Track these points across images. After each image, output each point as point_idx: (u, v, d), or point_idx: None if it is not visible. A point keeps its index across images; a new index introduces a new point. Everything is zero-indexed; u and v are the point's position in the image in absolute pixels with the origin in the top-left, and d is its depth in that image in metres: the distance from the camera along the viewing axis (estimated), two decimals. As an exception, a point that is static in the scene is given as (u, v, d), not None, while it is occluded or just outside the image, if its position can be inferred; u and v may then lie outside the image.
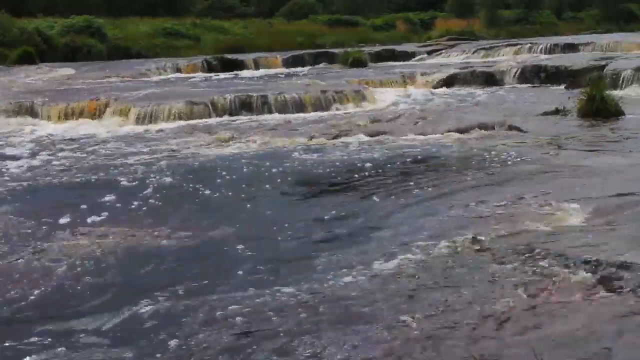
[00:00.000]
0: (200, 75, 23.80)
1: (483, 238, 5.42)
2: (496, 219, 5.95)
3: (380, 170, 8.30)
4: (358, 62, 24.53)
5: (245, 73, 24.22)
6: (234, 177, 8.29)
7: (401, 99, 15.63)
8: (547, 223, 5.78)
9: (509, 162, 8.43)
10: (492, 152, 9.07)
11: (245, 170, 8.64)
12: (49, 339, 4.05)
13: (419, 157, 9.10)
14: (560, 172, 7.77)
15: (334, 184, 7.87)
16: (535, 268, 4.74)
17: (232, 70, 24.78)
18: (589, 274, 4.54)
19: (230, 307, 4.36)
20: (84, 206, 6.98)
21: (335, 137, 10.84)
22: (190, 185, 7.84)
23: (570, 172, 7.75)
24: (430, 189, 7.36)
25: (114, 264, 5.33)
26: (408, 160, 8.93)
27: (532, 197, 6.57)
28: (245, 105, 14.03)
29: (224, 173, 8.47)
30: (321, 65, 26.40)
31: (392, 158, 9.06)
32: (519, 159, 8.55)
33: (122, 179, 8.25)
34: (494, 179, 7.63)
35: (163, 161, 9.39)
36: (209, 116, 13.51)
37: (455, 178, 7.78)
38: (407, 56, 28.25)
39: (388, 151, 9.60)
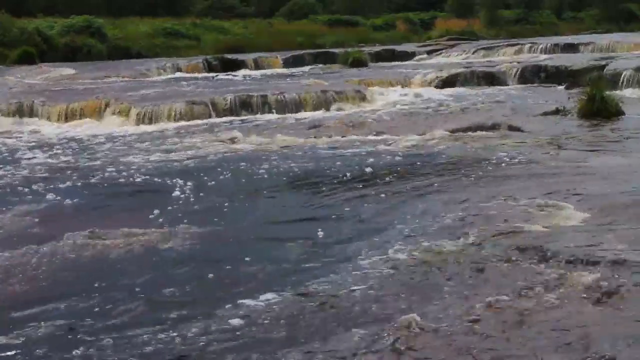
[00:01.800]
0: (200, 75, 23.80)
1: (483, 238, 5.42)
2: (496, 218, 5.95)
3: (379, 170, 8.30)
4: (358, 62, 24.53)
5: (245, 73, 24.20)
6: (234, 176, 8.29)
7: (401, 99, 15.61)
8: (547, 223, 5.78)
9: (509, 162, 8.43)
10: (492, 152, 9.07)
11: (245, 170, 8.64)
12: (46, 338, 4.05)
13: (419, 157, 9.10)
14: (560, 172, 7.77)
15: (334, 183, 7.87)
16: (535, 268, 4.74)
17: (232, 70, 24.77)
18: (589, 274, 4.54)
19: (228, 308, 4.37)
20: (83, 206, 6.99)
21: (335, 137, 10.84)
22: (191, 185, 7.84)
23: (570, 172, 7.75)
24: (429, 188, 7.36)
25: (113, 264, 5.34)
26: (408, 160, 8.93)
27: (532, 197, 6.57)
28: (245, 105, 14.04)
29: (224, 173, 8.48)
30: (321, 65, 26.38)
31: (391, 158, 9.06)
32: (518, 159, 8.55)
33: (122, 180, 8.25)
34: (493, 179, 7.63)
35: (163, 161, 9.40)
36: (209, 116, 13.51)
37: (455, 178, 7.78)
38: (407, 56, 28.25)
39: (388, 151, 9.59)
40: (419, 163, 8.74)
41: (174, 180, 8.12)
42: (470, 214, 6.20)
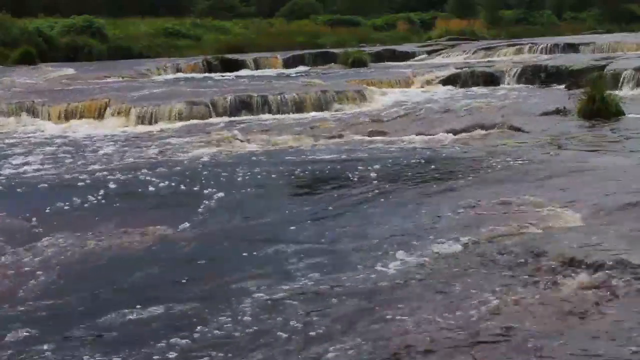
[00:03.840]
0: (200, 75, 23.81)
1: (482, 238, 5.42)
2: (495, 219, 5.95)
3: (379, 170, 8.30)
4: (358, 62, 24.52)
5: (245, 73, 24.21)
6: (234, 177, 8.29)
7: (401, 99, 15.63)
8: (547, 223, 5.78)
9: (509, 162, 8.43)
10: (492, 152, 9.07)
11: (245, 170, 8.64)
12: (45, 339, 4.05)
13: (419, 157, 9.10)
14: (561, 172, 7.77)
15: (334, 184, 7.87)
16: (534, 269, 4.74)
17: (232, 70, 24.78)
18: (589, 275, 4.54)
19: (229, 308, 4.38)
20: (83, 206, 6.99)
21: (335, 137, 10.84)
22: (191, 185, 7.84)
23: (571, 172, 7.75)
24: (429, 189, 7.36)
25: (113, 264, 5.34)
26: (408, 160, 8.93)
27: (532, 197, 6.57)
28: (245, 106, 14.04)
29: (224, 173, 8.48)
30: (322, 65, 26.37)
31: (392, 158, 9.06)
32: (519, 159, 8.55)
33: (122, 180, 8.25)
34: (493, 179, 7.63)
35: (163, 161, 9.40)
36: (210, 116, 13.52)
37: (455, 178, 7.78)
38: (408, 56, 28.22)
39: (388, 151, 9.60)
40: (418, 163, 8.74)
41: (173, 180, 8.12)
42: (470, 214, 6.20)
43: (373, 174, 8.12)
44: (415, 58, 27.97)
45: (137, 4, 38.58)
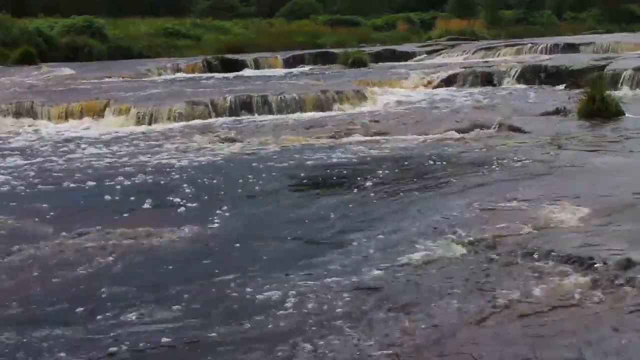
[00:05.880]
0: (200, 75, 23.81)
1: (482, 238, 5.42)
2: (496, 219, 5.95)
3: (380, 170, 8.30)
4: (358, 62, 24.51)
5: (245, 73, 24.22)
6: (233, 177, 8.29)
7: (401, 99, 15.62)
8: (547, 223, 5.78)
9: (509, 162, 8.43)
10: (492, 152, 9.08)
11: (245, 170, 8.65)
12: (44, 340, 4.05)
13: (419, 157, 9.10)
14: (561, 172, 7.78)
15: (334, 184, 7.88)
16: (534, 268, 4.74)
17: (232, 70, 24.78)
18: (589, 274, 4.54)
19: (228, 308, 4.38)
20: (83, 207, 6.99)
21: (335, 137, 10.84)
22: (191, 185, 7.84)
23: (571, 172, 7.76)
24: (429, 189, 7.37)
25: (113, 264, 5.34)
26: (408, 160, 8.94)
27: (532, 197, 6.58)
28: (245, 106, 14.04)
29: (223, 173, 8.48)
30: (321, 65, 26.36)
31: (392, 158, 9.07)
32: (519, 159, 8.55)
33: (122, 180, 8.25)
34: (493, 179, 7.63)
35: (163, 162, 9.40)
36: (209, 116, 13.51)
37: (455, 178, 7.78)
38: (408, 56, 28.20)
39: (388, 151, 9.61)
40: (418, 163, 8.74)
41: (173, 180, 8.13)
42: (470, 214, 6.20)
43: (373, 174, 8.12)
44: (415, 58, 27.95)
45: (137, 4, 38.60)
